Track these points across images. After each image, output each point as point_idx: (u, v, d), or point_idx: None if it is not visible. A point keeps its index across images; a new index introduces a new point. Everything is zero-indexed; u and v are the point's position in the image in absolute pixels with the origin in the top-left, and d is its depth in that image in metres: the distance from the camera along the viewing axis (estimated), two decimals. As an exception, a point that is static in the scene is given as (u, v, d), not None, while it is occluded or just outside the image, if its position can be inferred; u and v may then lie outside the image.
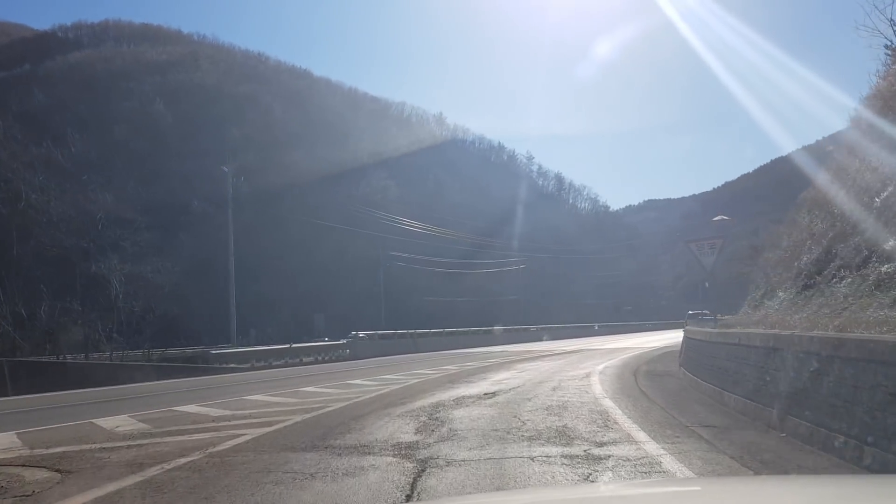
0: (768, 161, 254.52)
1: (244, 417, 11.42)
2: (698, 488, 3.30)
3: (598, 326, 69.78)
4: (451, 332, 44.07)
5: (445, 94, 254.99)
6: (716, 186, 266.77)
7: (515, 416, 10.07)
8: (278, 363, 28.08)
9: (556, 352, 30.38)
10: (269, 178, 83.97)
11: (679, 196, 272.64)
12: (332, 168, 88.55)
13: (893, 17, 20.44)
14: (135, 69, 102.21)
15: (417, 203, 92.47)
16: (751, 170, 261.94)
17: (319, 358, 30.35)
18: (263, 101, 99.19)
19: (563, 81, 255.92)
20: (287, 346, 30.59)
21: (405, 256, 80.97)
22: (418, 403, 12.34)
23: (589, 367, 20.05)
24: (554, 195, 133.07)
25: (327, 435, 9.09)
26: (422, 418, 10.34)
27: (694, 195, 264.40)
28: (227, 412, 12.30)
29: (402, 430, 9.32)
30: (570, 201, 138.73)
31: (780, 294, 17.37)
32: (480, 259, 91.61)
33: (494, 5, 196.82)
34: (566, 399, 12.10)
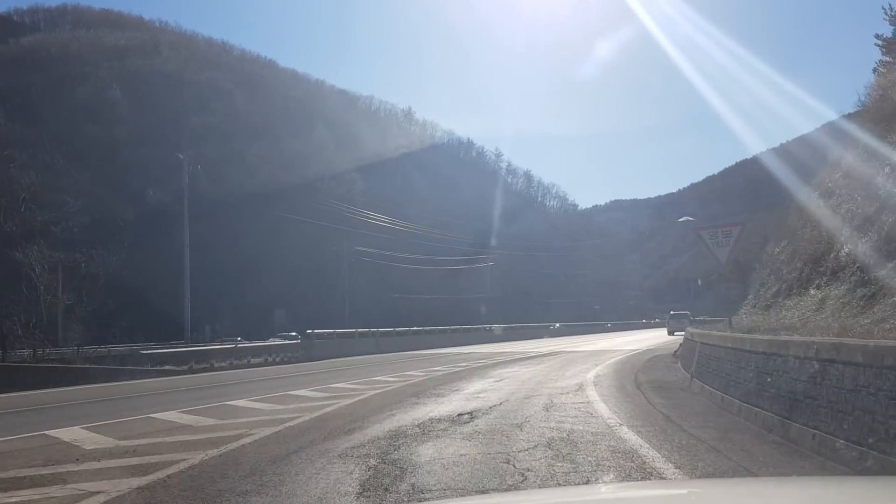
0: (733, 163, 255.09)
1: (120, 455, 8.06)
2: (699, 490, 3.13)
3: (569, 326, 66.97)
4: (417, 332, 40.68)
5: (415, 91, 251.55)
6: (681, 188, 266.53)
7: (508, 461, 6.88)
8: (222, 364, 24.63)
9: (532, 354, 27.33)
10: (230, 168, 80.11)
11: (645, 197, 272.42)
12: (296, 160, 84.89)
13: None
14: (91, 54, 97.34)
15: (385, 197, 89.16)
16: (716, 171, 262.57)
17: (270, 359, 26.91)
18: (226, 89, 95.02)
19: (530, 83, 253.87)
20: (232, 345, 27.09)
21: (372, 252, 77.64)
22: (371, 432, 9.09)
23: (577, 376, 16.95)
24: (523, 193, 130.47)
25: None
26: (372, 461, 7.11)
27: (660, 196, 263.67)
28: (107, 444, 8.92)
29: (338, 488, 6.08)
30: (539, 199, 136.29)
31: (814, 292, 14.35)
32: (449, 256, 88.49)
33: (467, 3, 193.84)
34: (569, 427, 8.93)
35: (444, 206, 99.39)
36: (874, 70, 45.76)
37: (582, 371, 18.43)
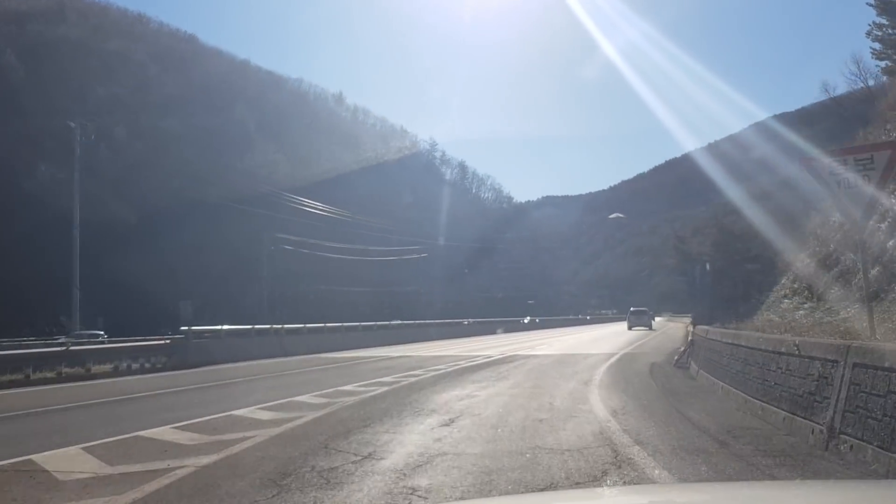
0: (663, 161, 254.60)
1: None
2: (707, 497, 2.90)
3: (508, 322, 60.26)
4: (335, 329, 32.83)
5: (347, 76, 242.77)
6: (613, 185, 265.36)
7: None
8: (47, 375, 16.86)
9: (481, 360, 20.28)
10: (137, 143, 71.12)
11: (577, 193, 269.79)
12: (211, 138, 76.21)
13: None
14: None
15: (310, 180, 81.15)
16: (646, 169, 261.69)
17: (123, 366, 19.11)
18: (138, 60, 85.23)
19: (467, 78, 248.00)
20: (63, 347, 19.16)
21: (294, 239, 69.62)
22: None
23: (574, 403, 9.92)
24: (457, 184, 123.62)
25: None
26: None
27: (591, 192, 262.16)
28: None
29: None
30: (474, 191, 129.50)
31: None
32: (379, 245, 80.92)
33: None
34: None
35: (375, 193, 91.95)
36: (867, 33, 40.38)
37: (569, 391, 11.46)
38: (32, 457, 7.29)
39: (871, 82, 41.68)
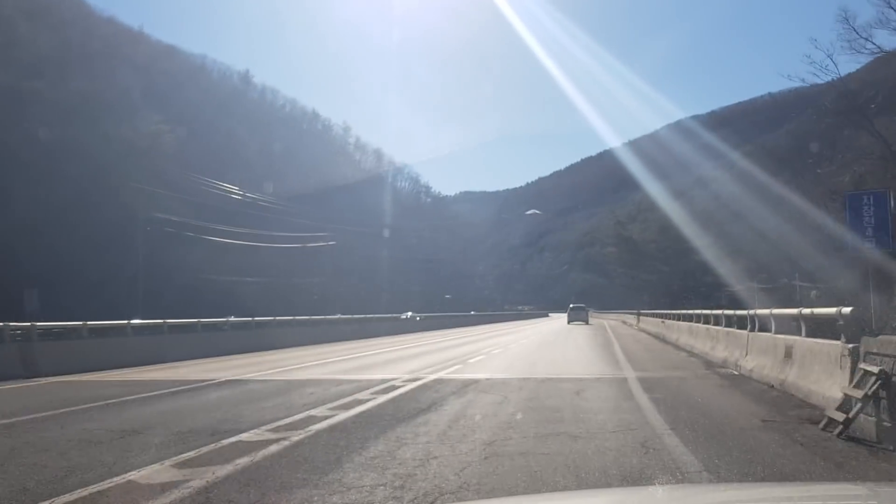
0: (579, 160, 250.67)
1: None
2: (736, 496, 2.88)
3: (423, 318, 50.93)
4: (185, 326, 22.63)
5: (254, 54, 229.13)
6: (529, 181, 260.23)
7: None
8: None
9: (385, 382, 11.26)
10: (-10, 105, 58.86)
11: (494, 189, 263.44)
12: (88, 102, 64.36)
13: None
14: None
15: (203, 156, 70.36)
16: (563, 167, 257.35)
17: None
18: (3, 14, 72.30)
19: (384, 65, 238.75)
20: None
21: (176, 221, 58.89)
22: None
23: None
24: (372, 171, 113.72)
25: None
26: None
27: (508, 189, 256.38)
28: None
29: None
30: (390, 180, 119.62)
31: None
32: (280, 231, 70.59)
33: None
34: None
35: (280, 175, 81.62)
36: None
37: None
38: None
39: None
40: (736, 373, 12.28)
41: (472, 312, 71.41)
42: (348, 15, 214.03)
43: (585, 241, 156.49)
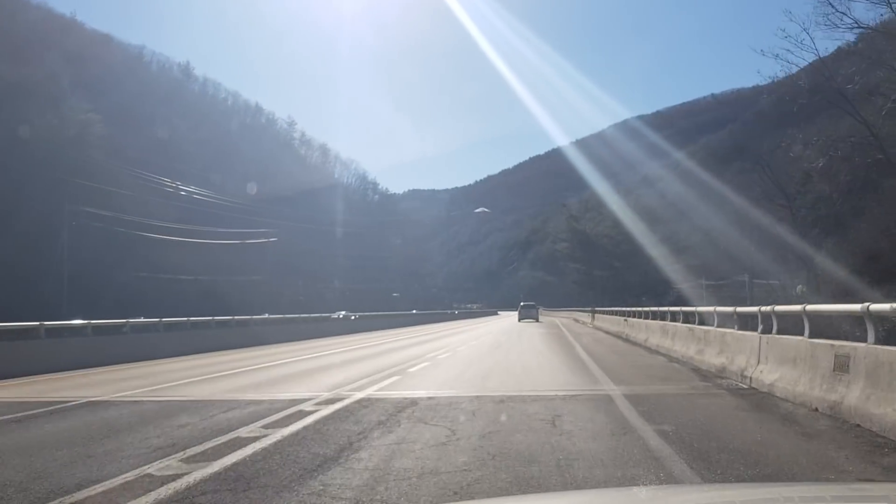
0: (527, 158, 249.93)
1: None
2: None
3: (360, 317, 47.55)
4: (75, 329, 18.91)
5: (196, 45, 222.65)
6: (478, 179, 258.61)
7: None
8: None
9: (293, 404, 8.80)
10: None
11: (443, 188, 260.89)
12: (9, 88, 59.64)
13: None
14: None
15: (141, 149, 66.07)
16: (511, 165, 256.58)
17: None
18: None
19: (330, 60, 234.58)
20: None
21: (107, 216, 54.86)
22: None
23: None
24: (319, 167, 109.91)
25: None
26: None
27: (457, 187, 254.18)
28: None
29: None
30: (336, 175, 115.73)
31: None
32: (222, 227, 66.73)
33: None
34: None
35: (222, 170, 77.73)
36: None
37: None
38: None
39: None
40: (745, 386, 9.58)
41: (415, 311, 68.33)
42: (296, 8, 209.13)
43: (534, 239, 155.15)
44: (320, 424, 7.24)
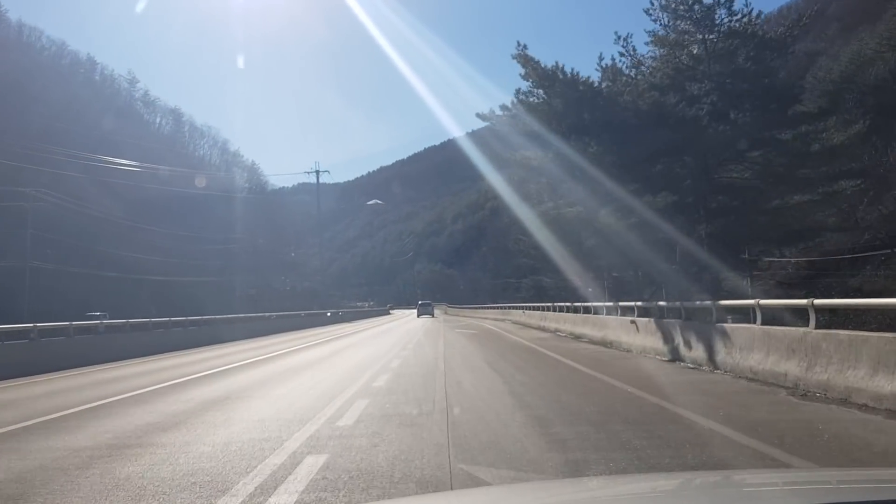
0: (421, 149, 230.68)
1: None
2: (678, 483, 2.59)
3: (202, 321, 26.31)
4: None
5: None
6: (371, 171, 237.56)
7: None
8: None
9: None
10: None
11: (334, 182, 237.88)
12: None
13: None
14: None
15: None
16: (405, 156, 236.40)
17: None
18: None
19: (222, 47, 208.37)
20: None
21: None
22: None
23: None
24: (169, 137, 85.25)
25: None
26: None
27: (349, 180, 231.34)
28: None
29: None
30: (192, 148, 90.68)
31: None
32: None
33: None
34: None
35: (54, 138, 55.16)
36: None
37: None
38: None
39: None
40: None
41: (270, 314, 46.96)
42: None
43: (431, 231, 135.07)
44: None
